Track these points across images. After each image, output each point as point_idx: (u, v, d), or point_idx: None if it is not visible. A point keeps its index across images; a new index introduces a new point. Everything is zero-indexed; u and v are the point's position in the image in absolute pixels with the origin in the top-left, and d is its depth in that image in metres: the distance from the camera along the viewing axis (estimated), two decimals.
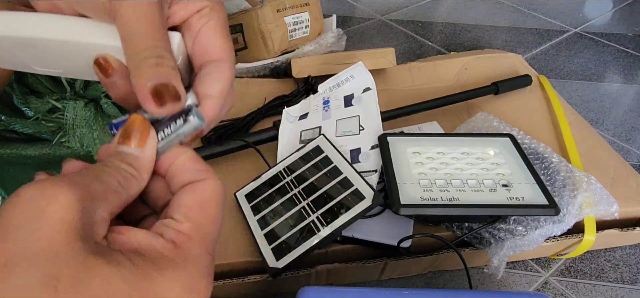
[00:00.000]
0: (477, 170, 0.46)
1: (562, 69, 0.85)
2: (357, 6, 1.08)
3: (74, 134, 0.51)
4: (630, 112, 0.75)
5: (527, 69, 0.72)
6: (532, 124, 0.61)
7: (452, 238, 0.47)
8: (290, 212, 0.45)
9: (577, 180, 0.49)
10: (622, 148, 0.68)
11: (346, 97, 0.57)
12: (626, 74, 0.85)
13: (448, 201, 0.42)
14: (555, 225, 0.46)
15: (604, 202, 0.48)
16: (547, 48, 0.92)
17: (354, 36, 0.96)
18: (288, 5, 0.72)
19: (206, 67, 0.23)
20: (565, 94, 0.78)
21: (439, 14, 1.05)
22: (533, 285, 0.50)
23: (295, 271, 0.45)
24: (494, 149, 0.49)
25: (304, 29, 0.74)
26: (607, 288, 0.50)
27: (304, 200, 0.46)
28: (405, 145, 0.49)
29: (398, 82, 0.70)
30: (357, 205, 0.43)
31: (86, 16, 0.22)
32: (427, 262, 0.49)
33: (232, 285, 0.45)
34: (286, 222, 0.45)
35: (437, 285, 0.50)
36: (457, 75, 0.71)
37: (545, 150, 0.53)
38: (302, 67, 0.67)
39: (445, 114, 0.63)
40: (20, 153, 0.51)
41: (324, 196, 0.45)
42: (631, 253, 0.53)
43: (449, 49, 0.92)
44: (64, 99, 0.51)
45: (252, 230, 0.45)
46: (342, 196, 0.44)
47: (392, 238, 0.45)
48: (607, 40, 0.95)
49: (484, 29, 0.99)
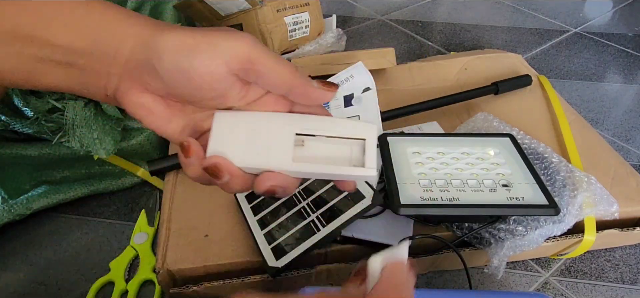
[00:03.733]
0: (477, 170, 0.46)
1: (562, 69, 0.85)
2: (357, 6, 1.08)
3: (74, 134, 0.51)
4: (630, 112, 0.75)
5: (527, 69, 0.72)
6: (532, 124, 0.61)
7: (452, 239, 0.47)
8: (290, 211, 0.45)
9: (577, 180, 0.49)
10: (622, 148, 0.68)
11: (346, 97, 0.57)
12: (626, 74, 0.85)
13: (448, 201, 0.42)
14: (555, 225, 0.46)
15: (604, 202, 0.48)
16: (547, 48, 0.92)
17: (354, 36, 0.96)
18: (288, 5, 0.72)
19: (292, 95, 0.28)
20: (565, 94, 0.78)
21: (439, 14, 1.05)
22: (533, 285, 0.50)
23: (295, 271, 0.45)
24: (494, 149, 0.49)
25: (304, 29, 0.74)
26: (607, 288, 0.50)
27: (303, 200, 0.46)
28: (405, 145, 0.49)
29: (398, 82, 0.70)
30: (356, 205, 0.43)
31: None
32: (427, 263, 0.48)
33: (232, 285, 0.45)
34: (286, 221, 0.45)
35: (437, 285, 0.50)
36: (457, 75, 0.71)
37: (545, 150, 0.53)
38: (302, 67, 0.67)
39: (445, 114, 0.63)
40: (20, 154, 0.51)
41: (323, 196, 0.45)
42: (631, 253, 0.53)
43: (449, 49, 0.92)
44: (64, 99, 0.51)
45: (252, 230, 0.45)
46: (342, 196, 0.44)
47: (392, 238, 0.45)
48: (607, 40, 0.95)
49: (484, 29, 0.99)
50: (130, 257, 0.51)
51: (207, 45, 0.24)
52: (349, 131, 0.28)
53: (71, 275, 0.50)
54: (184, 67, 0.24)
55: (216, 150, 0.26)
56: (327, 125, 0.28)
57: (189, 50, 0.24)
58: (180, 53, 0.24)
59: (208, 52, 0.24)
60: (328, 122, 0.28)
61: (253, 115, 0.28)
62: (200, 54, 0.24)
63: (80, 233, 0.55)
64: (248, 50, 0.25)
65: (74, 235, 0.54)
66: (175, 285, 0.45)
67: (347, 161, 0.28)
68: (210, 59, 0.24)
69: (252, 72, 0.25)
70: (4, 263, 0.51)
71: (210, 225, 0.48)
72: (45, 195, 0.55)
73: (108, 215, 0.57)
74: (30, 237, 0.54)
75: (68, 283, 0.49)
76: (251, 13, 0.69)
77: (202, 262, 0.45)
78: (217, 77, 0.25)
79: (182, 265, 0.44)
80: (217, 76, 0.25)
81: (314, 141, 0.28)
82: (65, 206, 0.57)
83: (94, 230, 0.55)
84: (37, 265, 0.51)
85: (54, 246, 0.53)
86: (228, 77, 0.25)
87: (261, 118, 0.28)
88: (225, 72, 0.25)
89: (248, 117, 0.28)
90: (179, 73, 0.25)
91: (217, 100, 0.27)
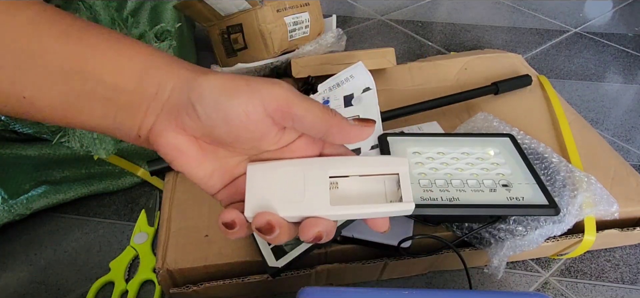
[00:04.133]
0: (477, 170, 0.46)
1: (562, 69, 0.85)
2: (357, 6, 1.08)
3: (73, 133, 0.51)
4: (630, 112, 0.75)
5: (527, 69, 0.72)
6: (532, 124, 0.61)
7: (452, 239, 0.47)
8: None
9: (577, 180, 0.49)
10: (622, 148, 0.68)
11: (346, 97, 0.57)
12: (626, 74, 0.85)
13: (448, 201, 0.42)
14: (555, 225, 0.46)
15: (604, 202, 0.48)
16: (547, 48, 0.92)
17: (354, 36, 0.96)
18: (288, 5, 0.71)
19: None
20: (565, 94, 0.78)
21: (439, 14, 1.05)
22: (533, 285, 0.50)
23: (295, 271, 0.45)
24: (494, 149, 0.49)
25: (304, 29, 0.74)
26: (607, 288, 0.50)
27: None
28: (405, 145, 0.49)
29: (398, 82, 0.70)
30: None
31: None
32: (427, 263, 0.48)
33: (232, 285, 0.45)
34: None
35: (437, 285, 0.50)
36: (457, 75, 0.71)
37: (545, 150, 0.53)
38: (302, 67, 0.67)
39: (445, 114, 0.63)
40: (20, 154, 0.51)
41: None
42: (631, 253, 0.53)
43: (449, 49, 0.92)
44: None
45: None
46: None
47: (392, 238, 0.45)
48: (607, 40, 0.95)
49: (484, 29, 0.99)
50: (130, 257, 0.51)
51: (246, 87, 0.25)
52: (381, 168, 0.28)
53: (71, 275, 0.50)
54: (223, 106, 0.25)
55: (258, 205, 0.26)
56: (359, 164, 0.28)
57: (229, 91, 0.25)
58: (220, 93, 0.25)
59: (247, 94, 0.25)
60: (359, 161, 0.28)
61: (284, 163, 0.28)
62: (239, 96, 0.25)
63: (80, 233, 0.55)
64: (285, 94, 0.26)
65: (74, 235, 0.55)
66: (175, 285, 0.45)
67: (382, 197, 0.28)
68: (248, 100, 0.25)
69: (289, 115, 0.26)
70: (4, 263, 0.51)
71: (210, 225, 0.48)
72: (45, 195, 0.55)
73: (108, 215, 0.57)
74: (30, 237, 0.54)
75: (68, 283, 0.49)
76: (251, 13, 0.69)
77: (202, 262, 0.45)
78: (253, 118, 0.25)
79: (182, 265, 0.44)
80: (254, 117, 0.25)
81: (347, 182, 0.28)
82: (65, 206, 0.57)
83: (94, 230, 0.55)
84: (37, 265, 0.51)
85: (54, 246, 0.53)
86: (265, 119, 0.26)
87: (292, 165, 0.28)
88: (262, 114, 0.25)
89: (280, 166, 0.28)
90: (217, 112, 0.25)
91: (252, 143, 0.27)
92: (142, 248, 0.52)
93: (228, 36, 0.73)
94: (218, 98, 0.25)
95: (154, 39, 0.61)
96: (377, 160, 0.29)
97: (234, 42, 0.73)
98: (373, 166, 0.28)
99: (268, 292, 0.48)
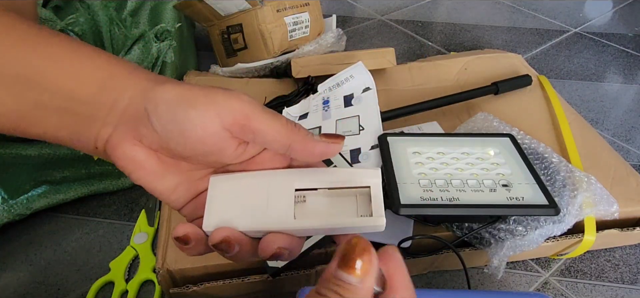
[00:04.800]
0: (477, 170, 0.46)
1: (562, 69, 0.85)
2: (357, 6, 1.08)
3: None
4: (630, 112, 0.75)
5: (527, 69, 0.72)
6: (532, 124, 0.61)
7: (452, 239, 0.47)
8: None
9: (577, 180, 0.49)
10: (622, 148, 0.68)
11: (346, 97, 0.57)
12: (626, 74, 0.85)
13: (448, 201, 0.42)
14: (555, 225, 0.46)
15: (604, 202, 0.48)
16: (547, 48, 0.92)
17: (354, 36, 0.96)
18: (288, 5, 0.71)
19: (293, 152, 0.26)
20: (565, 94, 0.78)
21: (439, 14, 1.05)
22: (533, 285, 0.50)
23: (295, 271, 0.45)
24: (494, 149, 0.49)
25: (304, 29, 0.74)
26: (607, 288, 0.50)
27: None
28: (405, 145, 0.49)
29: (398, 82, 0.70)
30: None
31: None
32: (427, 263, 0.48)
33: (232, 285, 0.45)
34: None
35: (437, 285, 0.50)
36: (457, 75, 0.71)
37: (545, 150, 0.53)
38: (302, 67, 0.67)
39: (445, 114, 0.63)
40: (20, 154, 0.51)
41: None
42: (631, 253, 0.53)
43: (449, 49, 0.92)
44: None
45: None
46: None
47: (392, 238, 0.45)
48: (607, 40, 0.95)
49: (483, 29, 0.99)
50: (130, 257, 0.51)
51: (204, 98, 0.24)
52: (352, 180, 0.26)
53: (71, 275, 0.50)
54: (179, 118, 0.24)
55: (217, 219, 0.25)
56: (328, 176, 0.27)
57: (186, 102, 0.24)
58: (176, 104, 0.24)
59: (204, 106, 0.24)
60: (329, 174, 0.27)
61: (249, 175, 0.27)
62: (196, 107, 0.24)
63: (80, 233, 0.55)
64: (243, 107, 0.24)
65: (74, 235, 0.55)
66: (175, 285, 0.45)
67: (353, 212, 0.26)
68: (205, 112, 0.24)
69: (248, 129, 0.24)
70: (4, 263, 0.51)
71: None
72: (45, 195, 0.55)
73: (108, 215, 0.57)
74: (30, 237, 0.54)
75: (68, 283, 0.49)
76: (251, 13, 0.69)
77: (202, 262, 0.45)
78: (210, 131, 0.24)
79: (182, 265, 0.44)
80: (211, 130, 0.24)
81: (316, 196, 0.27)
82: (65, 206, 0.57)
83: (94, 230, 0.55)
84: (37, 265, 0.51)
85: (54, 246, 0.53)
86: (221, 132, 0.24)
87: (257, 177, 0.26)
88: (219, 128, 0.24)
89: (243, 177, 0.26)
90: (172, 124, 0.24)
91: (211, 157, 0.26)
92: (142, 248, 0.52)
93: (228, 36, 0.73)
94: (174, 109, 0.24)
95: (154, 39, 0.61)
96: (348, 172, 0.27)
97: (234, 42, 0.73)
98: (343, 178, 0.26)
99: (268, 292, 0.48)
